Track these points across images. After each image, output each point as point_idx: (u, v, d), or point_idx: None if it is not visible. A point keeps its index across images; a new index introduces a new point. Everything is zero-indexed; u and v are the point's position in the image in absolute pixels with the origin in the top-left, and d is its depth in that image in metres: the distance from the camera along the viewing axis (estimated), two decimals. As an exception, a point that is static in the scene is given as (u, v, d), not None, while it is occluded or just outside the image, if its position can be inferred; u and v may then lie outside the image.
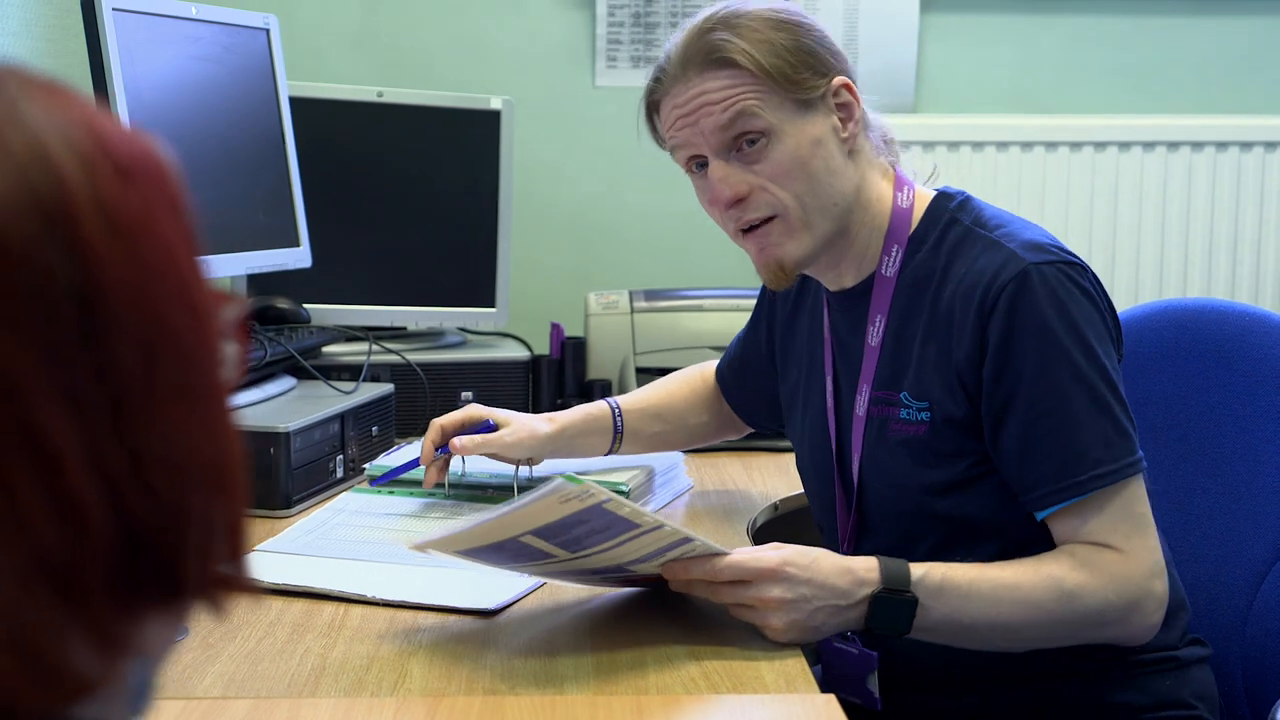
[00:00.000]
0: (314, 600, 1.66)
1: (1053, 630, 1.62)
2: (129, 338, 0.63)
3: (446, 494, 2.06)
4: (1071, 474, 1.60)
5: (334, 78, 2.98)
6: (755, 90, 1.68)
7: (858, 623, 1.58)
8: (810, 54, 1.71)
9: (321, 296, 2.65)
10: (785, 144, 1.69)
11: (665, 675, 1.45)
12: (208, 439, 0.67)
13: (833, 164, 1.71)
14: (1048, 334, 1.61)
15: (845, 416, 1.78)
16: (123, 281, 0.62)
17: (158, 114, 2.17)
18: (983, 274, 1.64)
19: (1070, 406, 1.61)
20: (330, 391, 2.28)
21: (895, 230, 1.74)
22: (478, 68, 3.16)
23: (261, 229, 2.45)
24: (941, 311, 1.67)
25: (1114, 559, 1.60)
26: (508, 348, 2.76)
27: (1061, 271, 1.63)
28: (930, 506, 1.70)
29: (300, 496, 2.05)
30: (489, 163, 2.75)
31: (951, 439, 1.67)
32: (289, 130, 2.52)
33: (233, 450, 0.69)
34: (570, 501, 1.43)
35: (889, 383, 1.72)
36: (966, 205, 1.75)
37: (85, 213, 0.62)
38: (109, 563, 0.61)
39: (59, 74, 2.18)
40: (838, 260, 1.77)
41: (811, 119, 1.70)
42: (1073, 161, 3.24)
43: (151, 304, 0.64)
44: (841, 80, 1.72)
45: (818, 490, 1.87)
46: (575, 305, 2.84)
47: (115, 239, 0.63)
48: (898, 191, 1.76)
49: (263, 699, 1.37)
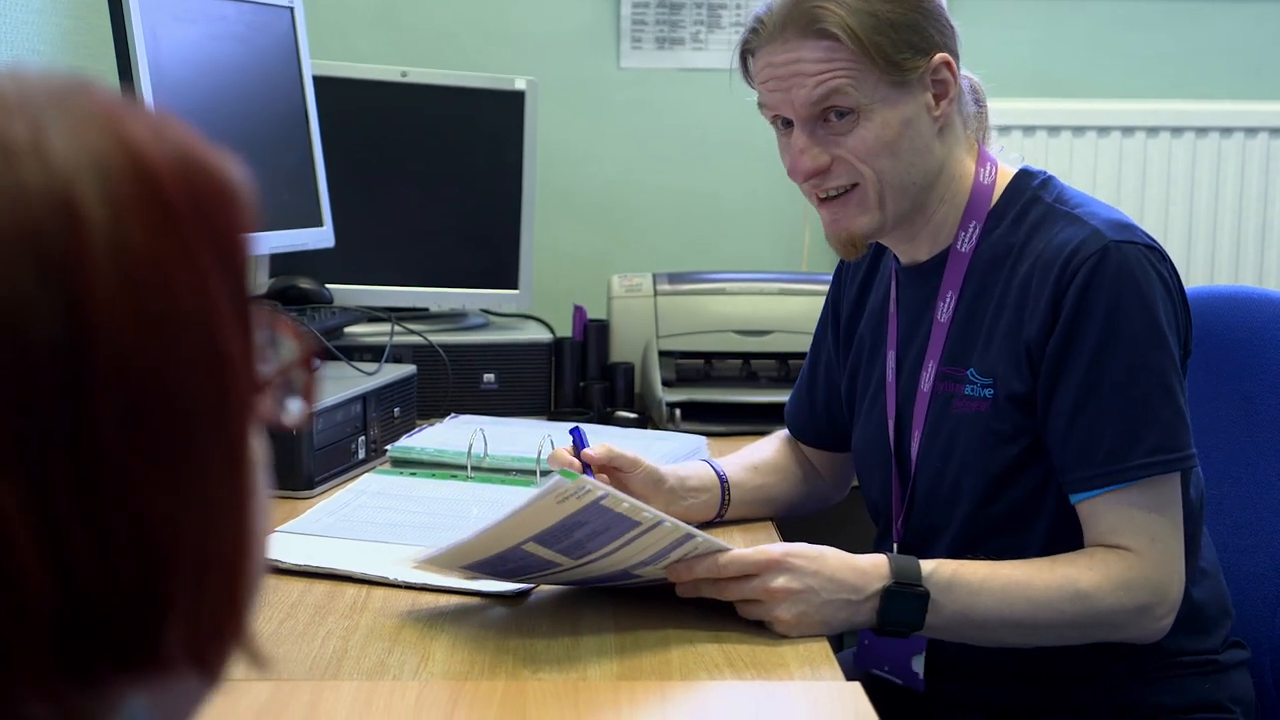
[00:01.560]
0: (336, 582, 1.65)
1: (1063, 630, 1.61)
2: (113, 402, 0.56)
3: (469, 475, 2.05)
4: (1119, 460, 1.59)
5: (358, 57, 2.97)
6: (851, 68, 1.65)
7: (869, 618, 1.57)
8: (916, 30, 1.67)
9: (344, 277, 2.65)
10: (874, 123, 1.66)
11: (689, 660, 1.44)
12: (199, 525, 0.60)
13: (919, 144, 1.68)
14: (1119, 314, 1.59)
15: (908, 393, 1.76)
16: (120, 337, 0.56)
17: (181, 93, 2.16)
18: (1063, 247, 1.62)
19: (1132, 390, 1.59)
20: (352, 372, 2.27)
21: (974, 206, 1.72)
22: (502, 48, 3.14)
23: (285, 208, 2.44)
24: (1016, 287, 1.66)
25: (1133, 562, 1.59)
26: (530, 330, 2.75)
27: (1143, 254, 1.62)
28: (969, 494, 1.69)
29: (322, 477, 2.04)
30: (513, 144, 2.74)
31: (1011, 418, 1.65)
32: (313, 110, 2.51)
33: (235, 537, 0.62)
34: (568, 500, 1.42)
35: (956, 359, 1.70)
36: (1049, 184, 1.73)
37: (93, 258, 0.56)
38: (52, 640, 0.56)
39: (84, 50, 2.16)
40: (913, 234, 1.75)
41: (906, 99, 1.67)
42: (1100, 147, 3.21)
43: (151, 366, 0.57)
44: (943, 58, 1.68)
45: (873, 469, 1.84)
46: (598, 288, 2.83)
47: (126, 288, 0.57)
48: (980, 167, 1.73)
49: (284, 681, 1.37)
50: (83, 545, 0.56)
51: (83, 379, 0.56)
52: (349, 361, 2.30)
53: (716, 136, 3.14)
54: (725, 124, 3.10)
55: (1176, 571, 1.61)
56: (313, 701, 1.32)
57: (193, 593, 0.60)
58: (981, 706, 1.73)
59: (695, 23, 3.14)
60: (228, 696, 1.32)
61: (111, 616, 0.58)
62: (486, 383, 2.60)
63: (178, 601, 0.60)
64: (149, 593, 0.59)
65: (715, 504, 1.89)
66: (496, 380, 2.60)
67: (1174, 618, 1.62)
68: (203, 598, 0.61)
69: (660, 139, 3.17)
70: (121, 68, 2.04)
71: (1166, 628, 1.62)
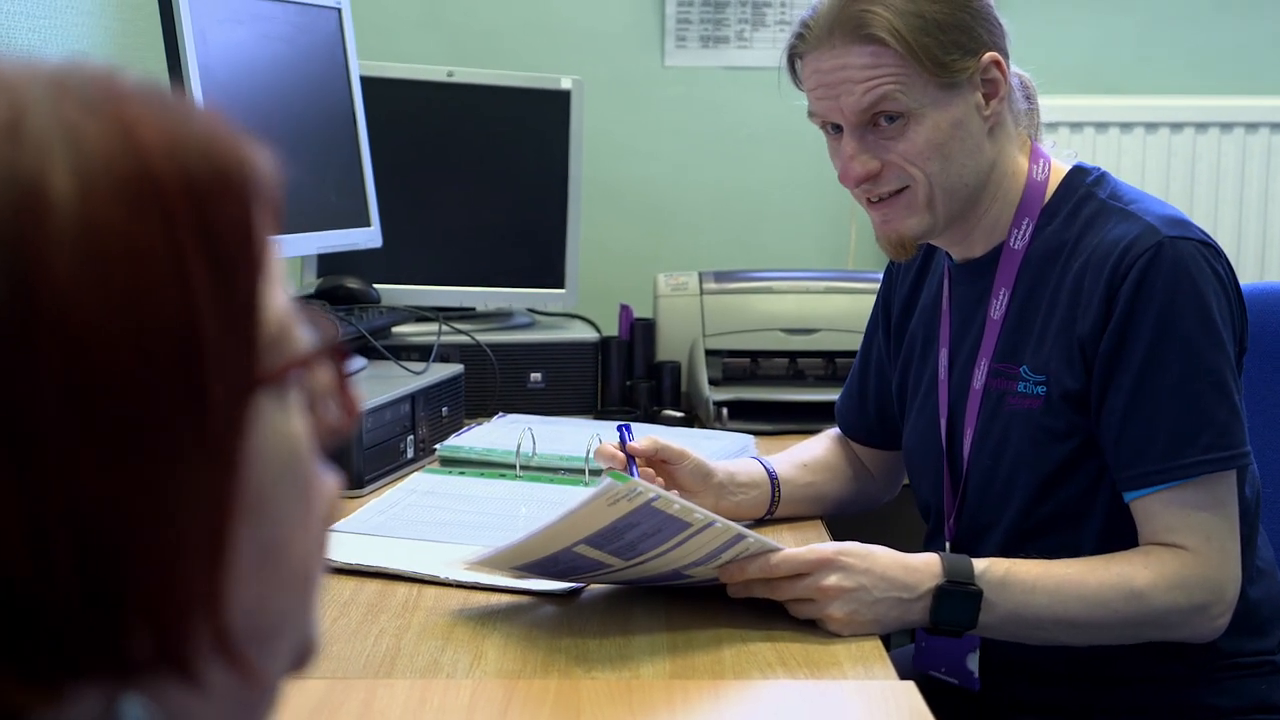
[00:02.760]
0: (387, 580, 1.65)
1: (1118, 629, 1.60)
2: (58, 378, 0.54)
3: (517, 474, 2.05)
4: (1175, 457, 1.58)
5: (404, 57, 2.98)
6: (899, 72, 1.64)
7: (922, 616, 1.56)
8: (964, 30, 1.66)
9: (391, 276, 2.65)
10: (924, 126, 1.66)
11: (741, 659, 1.43)
12: (159, 518, 0.57)
13: (970, 144, 1.68)
14: (1174, 310, 1.58)
15: (960, 390, 1.76)
16: (74, 312, 0.55)
17: (230, 94, 2.17)
18: (1117, 243, 1.62)
19: (1186, 388, 1.58)
20: (400, 372, 2.28)
21: (1027, 203, 1.71)
22: (548, 48, 3.15)
23: (333, 209, 2.45)
24: (1070, 283, 1.65)
25: (1189, 561, 1.58)
26: (577, 329, 2.75)
27: (1198, 250, 1.61)
28: (1021, 492, 1.68)
29: (372, 476, 2.05)
30: (559, 143, 2.74)
31: (1064, 415, 1.64)
32: (360, 110, 2.52)
33: (212, 533, 0.58)
34: (619, 503, 1.42)
35: (1010, 355, 1.70)
36: (1103, 180, 1.72)
37: (50, 234, 0.55)
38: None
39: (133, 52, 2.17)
40: (967, 232, 1.74)
41: (955, 100, 1.66)
42: (1148, 143, 3.19)
43: (107, 344, 0.55)
44: (992, 57, 1.66)
45: (925, 467, 1.83)
46: (644, 286, 2.83)
47: (87, 264, 0.55)
48: (1033, 164, 1.73)
49: (339, 679, 1.37)
50: (16, 534, 0.54)
51: (26, 353, 0.54)
52: (397, 361, 2.31)
53: (762, 134, 3.13)
54: (770, 122, 3.09)
55: (1233, 570, 1.60)
56: (367, 699, 1.33)
57: (155, 590, 0.57)
58: (1036, 707, 1.73)
59: (740, 21, 3.14)
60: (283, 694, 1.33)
61: (51, 616, 0.55)
62: (533, 382, 2.60)
63: (131, 599, 0.56)
64: (93, 589, 0.55)
65: (765, 501, 1.89)
66: (543, 379, 2.61)
67: (1230, 617, 1.61)
68: (169, 595, 0.57)
69: (705, 137, 3.17)
70: (172, 69, 2.05)
71: (1223, 627, 1.61)
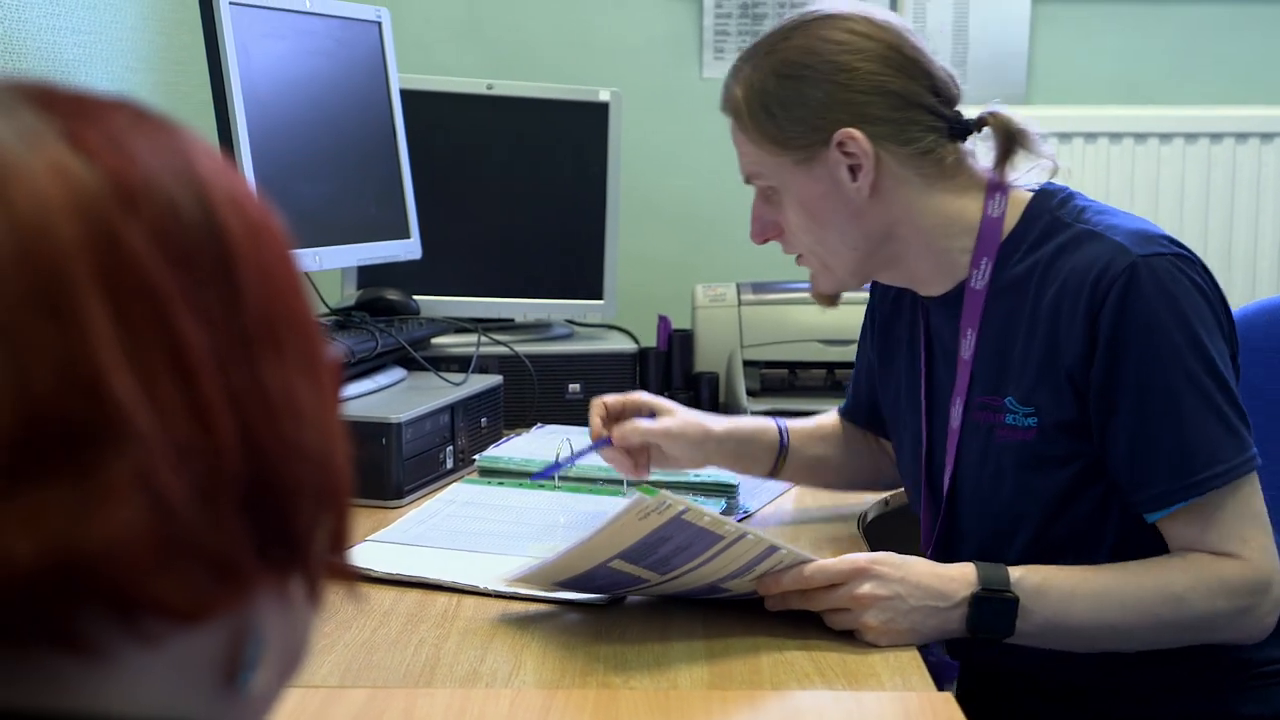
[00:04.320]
0: (427, 590, 1.66)
1: (1160, 634, 1.59)
2: (255, 302, 0.64)
3: (556, 485, 2.06)
4: (1185, 475, 1.56)
5: (443, 70, 3.00)
6: (754, 148, 1.71)
7: (959, 626, 1.55)
8: (808, 107, 1.66)
9: (431, 288, 2.67)
10: (789, 200, 1.71)
11: (779, 669, 1.44)
12: (323, 420, 0.67)
13: (841, 214, 1.69)
14: (1158, 330, 1.56)
15: (939, 427, 1.75)
16: (248, 256, 0.64)
17: (272, 107, 2.19)
18: (1090, 267, 1.59)
19: (1182, 406, 1.57)
20: (440, 382, 2.29)
21: (985, 241, 1.68)
22: (586, 60, 3.16)
23: (373, 221, 2.47)
24: (1046, 310, 1.62)
25: (1228, 564, 1.57)
26: (615, 340, 2.76)
27: (1172, 264, 1.58)
28: (1028, 519, 1.66)
29: (411, 487, 2.06)
30: (597, 155, 2.75)
31: (1061, 443, 1.63)
32: (400, 123, 2.54)
33: (343, 442, 0.69)
34: (650, 516, 1.43)
35: (992, 389, 1.68)
36: (1068, 202, 1.69)
37: (219, 194, 0.64)
38: (237, 482, 0.62)
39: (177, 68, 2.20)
40: (912, 279, 1.75)
41: (814, 174, 1.68)
42: (1188, 153, 3.18)
43: (273, 285, 0.65)
44: (845, 133, 1.65)
45: (914, 494, 1.85)
46: (683, 297, 2.84)
47: (243, 222, 0.65)
48: (988, 202, 1.70)
49: (379, 688, 1.38)
50: (251, 399, 0.63)
51: (232, 278, 0.63)
52: (436, 372, 2.32)
53: (800, 146, 3.13)
54: (808, 133, 3.09)
55: (1272, 565, 1.58)
56: (407, 709, 1.34)
57: (321, 481, 0.66)
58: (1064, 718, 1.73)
59: (778, 32, 3.14)
60: (325, 703, 1.35)
61: (277, 482, 0.63)
62: (572, 393, 2.61)
63: (307, 484, 0.65)
64: (299, 467, 0.65)
65: (770, 457, 1.96)
66: (582, 390, 2.61)
67: (1278, 616, 1.60)
68: (326, 490, 0.66)
69: (743, 149, 3.17)
70: (215, 84, 2.07)
71: (1272, 625, 1.60)
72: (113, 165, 0.61)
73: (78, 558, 0.57)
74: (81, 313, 0.58)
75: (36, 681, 0.60)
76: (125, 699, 0.61)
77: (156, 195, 0.62)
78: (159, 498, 0.59)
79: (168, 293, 0.60)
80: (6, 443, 0.56)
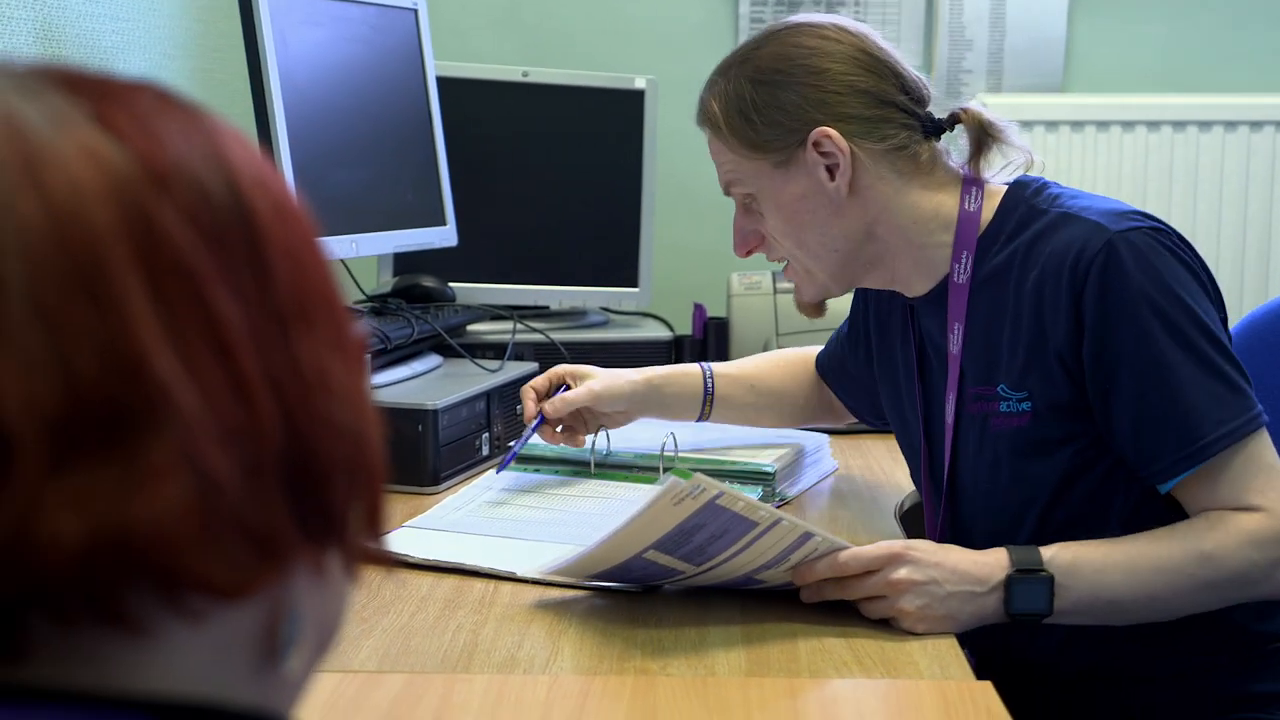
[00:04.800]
0: (463, 577, 1.67)
1: (1197, 595, 1.58)
2: (285, 281, 0.64)
3: (592, 472, 2.06)
4: (1192, 440, 1.57)
5: (479, 58, 3.00)
6: (733, 156, 1.74)
7: (996, 610, 1.55)
8: (783, 110, 1.69)
9: (467, 275, 2.67)
10: (769, 205, 1.73)
11: (816, 657, 1.44)
12: (354, 395, 0.67)
13: (822, 214, 1.71)
14: (1144, 302, 1.57)
15: (936, 423, 1.77)
16: (276, 236, 0.64)
17: (309, 95, 2.20)
18: (1069, 249, 1.60)
19: (1179, 373, 1.57)
20: (475, 369, 2.29)
21: (963, 236, 1.71)
22: (621, 47, 3.16)
23: (409, 208, 2.47)
24: (1029, 296, 1.64)
25: (1252, 517, 1.56)
26: (650, 328, 2.76)
27: (1148, 236, 1.60)
28: (1030, 505, 1.67)
29: (448, 473, 2.07)
30: (633, 142, 2.75)
31: (1056, 425, 1.64)
32: (436, 110, 2.54)
33: (374, 417, 0.69)
34: (684, 501, 1.42)
35: (984, 379, 1.69)
36: (1043, 190, 1.71)
37: (245, 175, 0.65)
38: (277, 459, 0.62)
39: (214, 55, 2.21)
40: (895, 279, 1.76)
41: (794, 176, 1.71)
42: (1227, 142, 3.16)
43: (301, 264, 0.66)
44: (821, 132, 1.68)
45: (918, 485, 1.87)
46: (718, 285, 2.83)
47: (269, 202, 0.65)
48: (964, 197, 1.72)
49: (417, 674, 1.38)
50: (287, 374, 0.63)
51: (261, 255, 0.64)
52: (472, 359, 2.33)
53: (835, 134, 3.13)
54: (844, 121, 3.08)
55: None
56: (445, 694, 1.34)
57: (354, 460, 0.67)
58: (1083, 714, 1.72)
59: (814, 20, 3.13)
60: (363, 688, 1.35)
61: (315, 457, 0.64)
62: (607, 380, 2.60)
63: (340, 462, 0.66)
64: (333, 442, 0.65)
65: (695, 403, 2.06)
66: (615, 378, 2.61)
67: None
68: (360, 471, 0.67)
69: (779, 137, 3.16)
70: (252, 71, 2.08)
71: None
72: (142, 147, 0.61)
73: (124, 537, 0.57)
74: (121, 295, 0.58)
75: (82, 660, 0.60)
76: (168, 677, 0.62)
77: (186, 176, 0.62)
78: (203, 476, 0.59)
79: (203, 273, 0.61)
80: (51, 426, 0.57)
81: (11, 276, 0.57)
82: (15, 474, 0.56)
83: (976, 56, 3.24)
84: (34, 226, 0.58)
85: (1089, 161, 3.17)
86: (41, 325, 0.57)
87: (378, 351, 2.14)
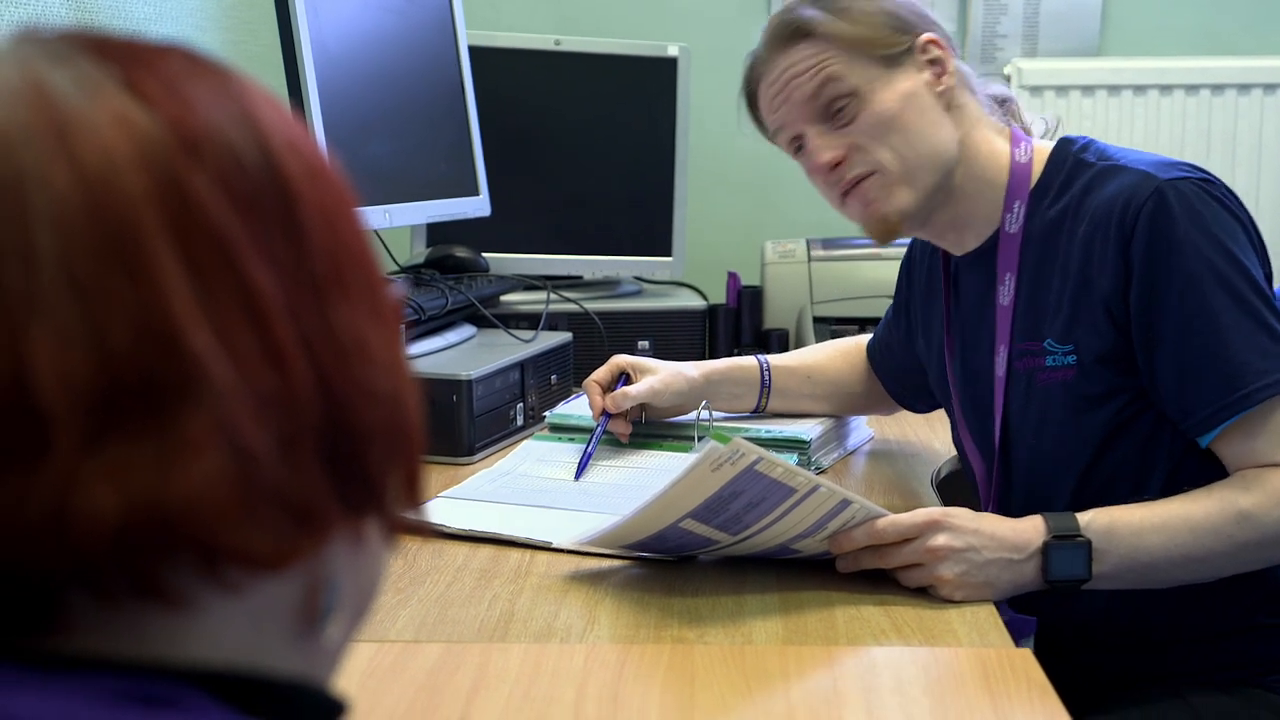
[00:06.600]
0: (499, 546, 1.67)
1: (1236, 555, 1.57)
2: (320, 245, 0.63)
3: (626, 441, 2.06)
4: (1234, 389, 1.56)
5: (511, 27, 2.99)
6: (837, 55, 1.72)
7: (1034, 577, 1.55)
8: (890, 15, 1.73)
9: (500, 245, 2.67)
10: (874, 101, 1.71)
11: (854, 625, 1.43)
12: (391, 361, 0.66)
13: (928, 116, 1.71)
14: (1191, 250, 1.57)
15: (984, 378, 1.76)
16: (310, 199, 0.64)
17: (342, 65, 2.19)
18: (1117, 198, 1.62)
19: (1223, 320, 1.57)
20: (510, 339, 2.29)
21: (1015, 186, 1.72)
22: (654, 16, 3.14)
23: (442, 178, 2.47)
24: (1078, 249, 1.65)
25: None
26: (684, 297, 2.76)
27: (1197, 186, 1.60)
28: (1076, 460, 1.67)
29: (482, 444, 2.07)
30: (666, 111, 2.74)
31: (1101, 378, 1.64)
32: (469, 80, 2.53)
33: (411, 383, 0.68)
34: (723, 467, 1.41)
35: (1031, 334, 1.69)
36: (1089, 147, 1.73)
37: (277, 137, 0.64)
38: (314, 428, 0.61)
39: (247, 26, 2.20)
40: (954, 223, 1.76)
41: (900, 74, 1.72)
42: (1266, 105, 3.13)
43: (335, 228, 0.65)
44: (928, 37, 1.73)
45: (964, 464, 1.87)
46: (752, 254, 2.82)
47: (302, 165, 0.64)
48: (1015, 148, 1.74)
49: (454, 643, 1.38)
50: (323, 342, 0.62)
51: (297, 221, 0.63)
52: (506, 329, 2.32)
53: (869, 100, 3.11)
54: (878, 87, 3.07)
55: None
56: (482, 663, 1.34)
57: (392, 428, 0.66)
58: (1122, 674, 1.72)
59: (847, -15, 3.11)
60: (400, 658, 1.35)
61: (353, 424, 0.63)
62: (641, 349, 2.61)
63: (380, 430, 0.65)
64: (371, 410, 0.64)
65: (753, 393, 2.07)
66: (651, 347, 2.61)
67: None
68: (398, 439, 0.66)
69: (812, 104, 3.14)
70: (284, 41, 2.07)
71: None
72: (173, 113, 0.60)
73: (163, 510, 0.57)
74: (154, 266, 0.58)
75: (123, 631, 0.60)
76: (208, 647, 0.62)
77: (218, 141, 0.61)
78: (240, 447, 0.59)
79: (236, 241, 0.60)
80: (88, 400, 0.56)
81: (45, 248, 0.56)
82: (53, 449, 0.56)
83: (1012, 20, 3.22)
84: (66, 197, 0.57)
85: (1125, 126, 3.14)
86: (75, 297, 0.56)
87: (412, 322, 2.14)
